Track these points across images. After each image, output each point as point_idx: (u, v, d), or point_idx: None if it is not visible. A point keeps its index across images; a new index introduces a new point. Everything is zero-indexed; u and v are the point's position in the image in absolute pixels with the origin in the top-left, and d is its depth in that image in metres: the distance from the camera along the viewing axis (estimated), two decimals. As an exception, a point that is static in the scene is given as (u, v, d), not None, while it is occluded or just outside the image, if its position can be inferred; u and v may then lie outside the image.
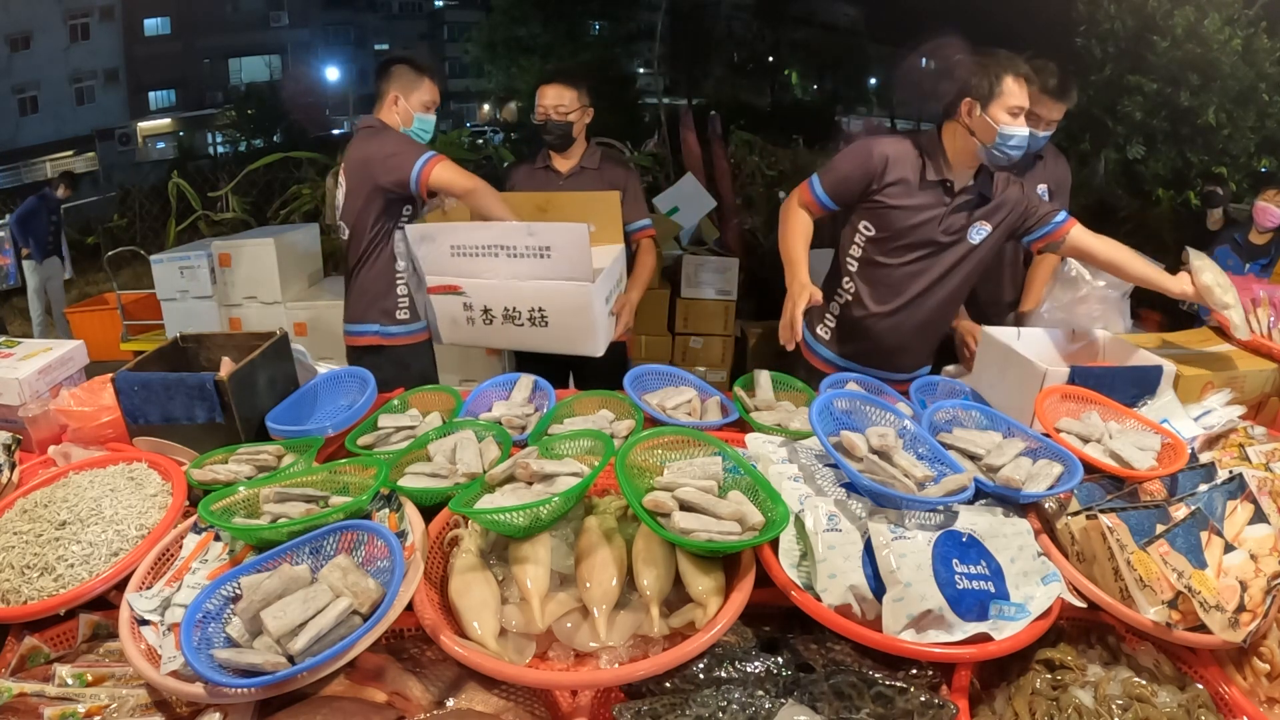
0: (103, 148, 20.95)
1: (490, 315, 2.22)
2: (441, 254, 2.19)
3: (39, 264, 6.39)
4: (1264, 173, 5.19)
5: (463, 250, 2.19)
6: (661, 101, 8.41)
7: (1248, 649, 1.10)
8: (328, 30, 26.27)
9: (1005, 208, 2.03)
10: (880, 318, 2.12)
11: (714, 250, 4.88)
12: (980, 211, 2.02)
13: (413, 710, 1.04)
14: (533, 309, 2.19)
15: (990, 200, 2.02)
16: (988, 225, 2.04)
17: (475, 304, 2.23)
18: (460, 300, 2.23)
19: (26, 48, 20.16)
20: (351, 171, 2.31)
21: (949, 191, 2.00)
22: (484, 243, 2.15)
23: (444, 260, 2.20)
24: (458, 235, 2.17)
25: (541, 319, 2.20)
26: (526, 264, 2.13)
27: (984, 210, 2.02)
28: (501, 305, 2.20)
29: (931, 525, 1.20)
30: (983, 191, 2.01)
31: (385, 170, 2.22)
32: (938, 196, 2.01)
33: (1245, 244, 4.08)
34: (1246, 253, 4.06)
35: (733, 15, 19.37)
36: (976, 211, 2.02)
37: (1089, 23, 5.65)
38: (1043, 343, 1.95)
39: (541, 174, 2.59)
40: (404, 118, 2.34)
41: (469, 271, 2.20)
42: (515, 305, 2.19)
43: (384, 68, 2.36)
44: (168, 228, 7.13)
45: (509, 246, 2.13)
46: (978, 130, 1.91)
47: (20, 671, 1.15)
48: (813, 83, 19.39)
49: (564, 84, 2.49)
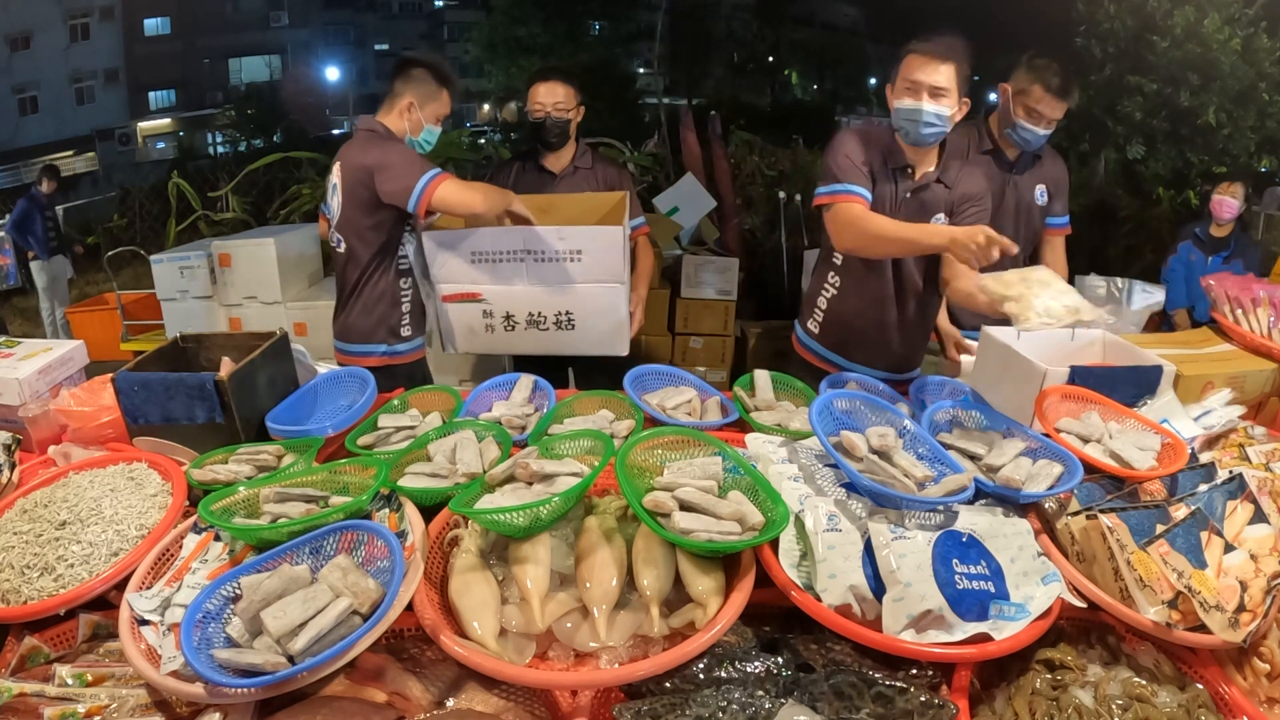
0: (103, 148, 20.95)
1: (512, 321, 2.21)
2: (460, 261, 2.16)
3: (46, 262, 6.40)
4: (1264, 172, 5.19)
5: (484, 256, 2.16)
6: (661, 101, 8.40)
7: (1248, 649, 1.09)
8: (328, 30, 26.28)
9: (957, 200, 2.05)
10: (862, 309, 2.14)
11: (714, 250, 4.88)
12: (941, 202, 2.05)
13: (413, 710, 1.04)
14: (559, 313, 2.18)
15: (951, 191, 2.04)
16: (945, 218, 2.06)
17: (496, 310, 2.20)
18: (480, 307, 2.20)
19: (26, 48, 20.15)
20: (350, 178, 2.19)
21: (909, 180, 2.02)
22: (509, 248, 2.13)
23: (462, 268, 2.16)
24: (479, 241, 2.14)
25: (569, 322, 2.19)
26: (554, 268, 2.11)
27: (945, 201, 2.04)
28: (525, 310, 2.18)
29: (931, 525, 1.20)
30: (942, 180, 2.03)
31: (387, 180, 2.12)
32: (897, 186, 2.03)
33: (1206, 237, 4.15)
34: (1209, 246, 4.13)
35: (733, 15, 19.36)
36: (936, 201, 2.04)
37: (1089, 23, 5.64)
38: (1043, 343, 1.94)
39: (533, 174, 2.55)
40: (413, 126, 2.24)
41: (490, 278, 2.17)
42: (540, 310, 2.18)
43: (404, 68, 2.25)
44: (168, 228, 7.13)
45: (536, 251, 2.11)
46: (892, 114, 1.94)
47: (20, 671, 1.15)
48: (813, 83, 19.39)
49: (560, 80, 2.46)
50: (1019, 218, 2.33)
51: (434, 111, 2.27)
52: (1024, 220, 2.34)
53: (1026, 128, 2.15)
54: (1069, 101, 2.15)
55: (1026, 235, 2.37)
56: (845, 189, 1.97)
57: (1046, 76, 2.09)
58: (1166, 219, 5.45)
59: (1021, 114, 2.16)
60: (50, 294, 6.47)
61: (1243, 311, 1.88)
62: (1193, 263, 4.14)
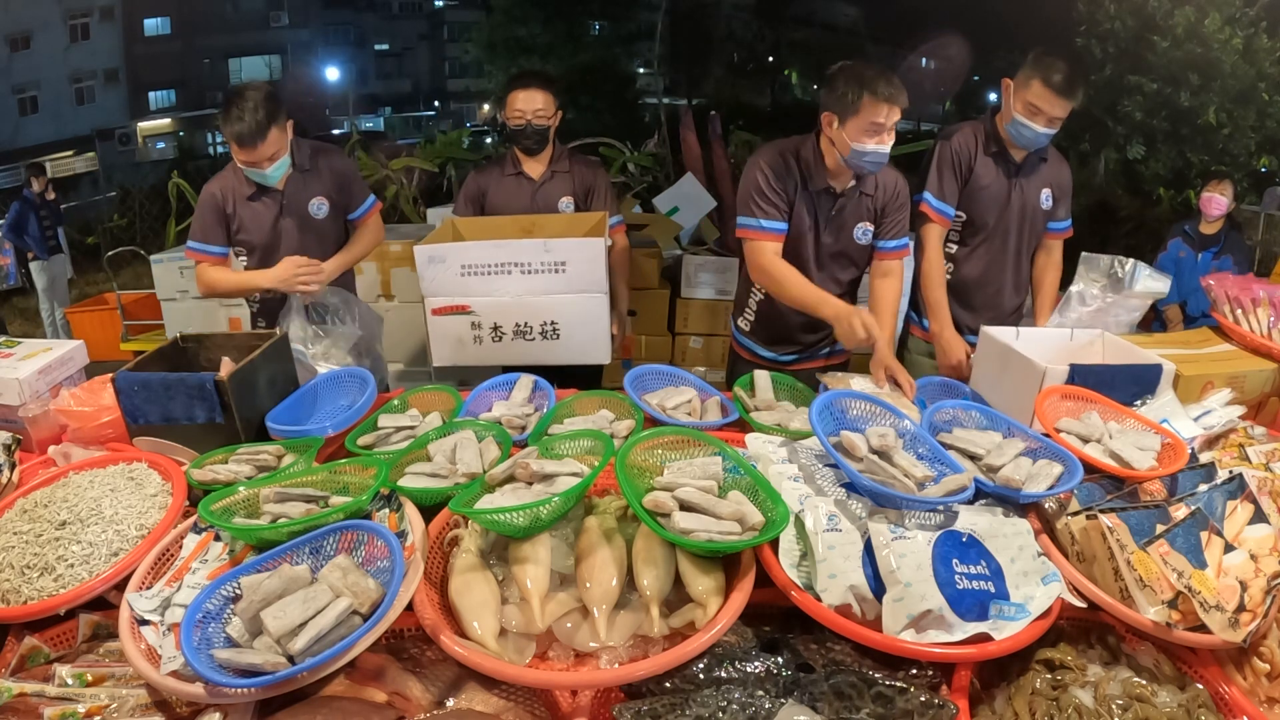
0: (103, 148, 20.92)
1: (500, 332, 2.25)
2: (450, 274, 2.20)
3: (46, 262, 6.40)
4: (1264, 172, 5.20)
5: (473, 269, 2.20)
6: (661, 101, 8.41)
7: (1248, 649, 1.09)
8: (328, 30, 26.26)
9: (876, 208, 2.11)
10: (792, 311, 2.16)
11: (714, 250, 4.87)
12: (864, 210, 2.10)
13: (413, 710, 1.04)
14: (545, 323, 2.23)
15: (874, 196, 2.09)
16: (870, 226, 2.12)
17: (484, 322, 2.25)
18: (468, 320, 2.25)
19: (26, 48, 20.13)
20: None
21: (830, 197, 2.07)
22: (497, 260, 2.18)
23: (452, 280, 2.21)
24: (468, 254, 2.19)
25: (554, 332, 2.23)
26: (541, 279, 2.17)
27: (869, 209, 2.10)
28: (513, 321, 2.22)
29: (931, 525, 1.20)
30: (864, 191, 2.08)
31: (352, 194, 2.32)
32: (818, 206, 2.08)
33: (1196, 234, 4.18)
34: (1198, 243, 4.15)
35: (733, 15, 19.34)
36: (858, 211, 2.10)
37: (1089, 23, 5.65)
38: (1042, 342, 1.94)
39: (513, 180, 2.58)
40: None
41: (478, 290, 2.22)
42: (527, 320, 2.23)
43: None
44: (168, 228, 7.12)
45: (523, 263, 2.16)
46: (838, 144, 1.96)
47: (20, 671, 1.15)
48: (813, 83, 19.35)
49: (540, 88, 2.47)
50: (1023, 221, 2.31)
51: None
52: (1028, 224, 2.33)
53: (1024, 123, 2.13)
54: (1072, 100, 2.12)
55: (1030, 239, 2.36)
56: (759, 226, 2.06)
57: (1049, 72, 2.07)
58: (1166, 219, 5.46)
59: (1020, 109, 2.14)
60: (50, 294, 6.47)
61: (1243, 311, 1.88)
62: (1182, 259, 4.17)
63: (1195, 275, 3.90)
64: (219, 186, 2.26)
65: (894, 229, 2.12)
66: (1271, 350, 1.78)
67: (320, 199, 2.33)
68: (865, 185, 2.08)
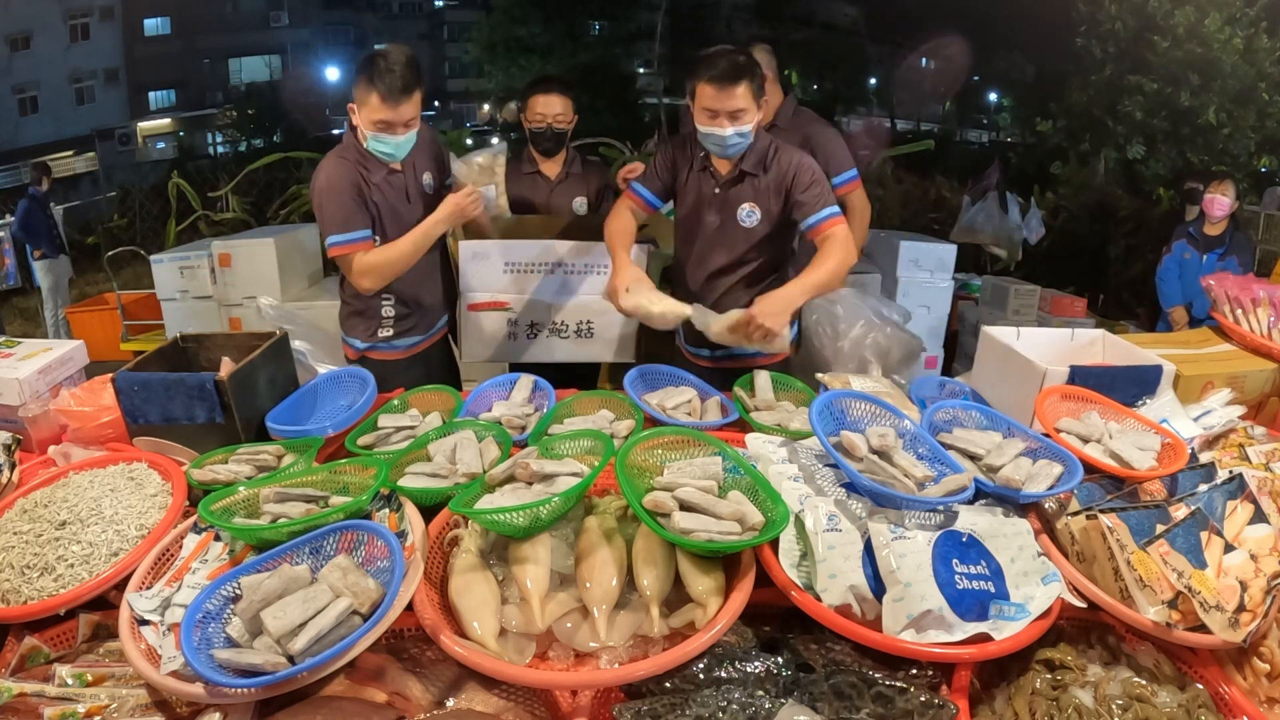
0: (103, 148, 20.91)
1: (535, 329, 2.33)
2: (493, 270, 2.26)
3: (54, 261, 6.39)
4: (1264, 172, 5.20)
5: (516, 266, 2.28)
6: (661, 101, 8.40)
7: (1248, 649, 1.10)
8: (328, 30, 26.26)
9: (770, 190, 2.06)
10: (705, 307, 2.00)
11: (714, 250, 4.88)
12: (747, 195, 2.07)
13: (413, 710, 1.04)
14: (580, 322, 2.31)
15: (758, 182, 2.06)
16: (757, 209, 2.07)
17: (521, 319, 2.32)
18: (505, 316, 2.32)
19: (26, 48, 20.13)
20: None
21: (712, 179, 2.08)
22: (540, 259, 2.26)
23: (494, 276, 2.27)
24: (512, 252, 2.26)
25: (588, 331, 2.33)
26: (581, 279, 2.26)
27: (751, 193, 2.07)
28: (550, 319, 2.29)
29: (931, 525, 1.20)
30: (748, 172, 2.06)
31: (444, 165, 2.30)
32: (701, 185, 2.09)
33: (1200, 235, 4.15)
34: (1202, 244, 4.13)
35: (733, 15, 19.37)
36: (742, 194, 2.07)
37: (1089, 23, 5.66)
38: (1043, 343, 1.95)
39: (529, 179, 2.64)
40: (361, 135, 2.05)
41: (518, 288, 2.29)
42: (564, 319, 2.31)
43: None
44: (168, 228, 7.12)
45: (566, 264, 2.26)
46: (699, 135, 1.98)
47: (20, 671, 1.15)
48: (813, 83, 19.35)
49: (559, 93, 2.54)
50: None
51: (367, 117, 1.99)
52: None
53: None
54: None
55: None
56: (633, 188, 2.17)
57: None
58: (1166, 219, 5.46)
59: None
60: (54, 294, 6.46)
61: (1243, 311, 1.88)
62: (1187, 261, 4.15)
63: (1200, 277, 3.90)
64: (343, 173, 2.03)
65: (809, 206, 1.99)
66: (1271, 350, 1.78)
67: (428, 173, 2.23)
68: (751, 168, 2.04)
